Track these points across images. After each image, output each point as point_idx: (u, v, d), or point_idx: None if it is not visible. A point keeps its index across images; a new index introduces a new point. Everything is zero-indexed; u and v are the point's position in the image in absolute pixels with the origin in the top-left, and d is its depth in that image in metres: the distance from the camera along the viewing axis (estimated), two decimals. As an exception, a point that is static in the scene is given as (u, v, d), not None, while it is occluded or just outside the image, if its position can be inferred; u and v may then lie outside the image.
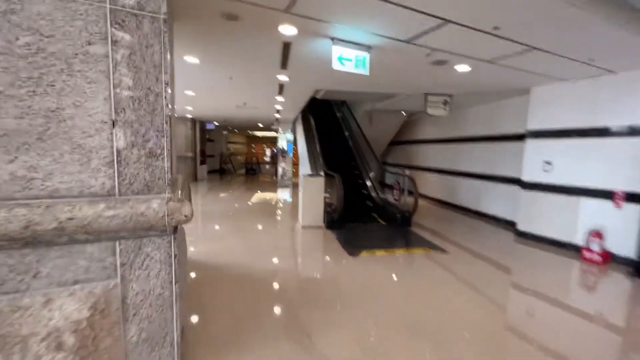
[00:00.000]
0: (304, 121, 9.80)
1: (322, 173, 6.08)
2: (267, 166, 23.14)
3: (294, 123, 12.61)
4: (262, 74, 4.81)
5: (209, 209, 7.28)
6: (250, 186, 11.97)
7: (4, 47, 1.18)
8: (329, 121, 10.27)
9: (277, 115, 10.48)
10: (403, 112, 9.21)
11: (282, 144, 16.67)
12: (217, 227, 5.63)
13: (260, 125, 15.44)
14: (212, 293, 3.00)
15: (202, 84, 5.80)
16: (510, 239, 5.32)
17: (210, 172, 15.42)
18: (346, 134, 9.66)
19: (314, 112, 9.87)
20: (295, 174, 13.86)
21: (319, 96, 6.76)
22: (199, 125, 12.98)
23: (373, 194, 7.27)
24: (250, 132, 23.45)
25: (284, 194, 10.09)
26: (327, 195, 5.92)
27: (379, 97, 7.29)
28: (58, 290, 1.30)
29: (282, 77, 4.96)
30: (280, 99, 6.98)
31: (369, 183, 7.67)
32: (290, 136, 14.88)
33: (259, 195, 9.51)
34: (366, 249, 4.43)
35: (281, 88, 5.90)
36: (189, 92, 6.70)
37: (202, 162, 13.63)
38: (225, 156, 17.53)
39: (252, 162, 17.11)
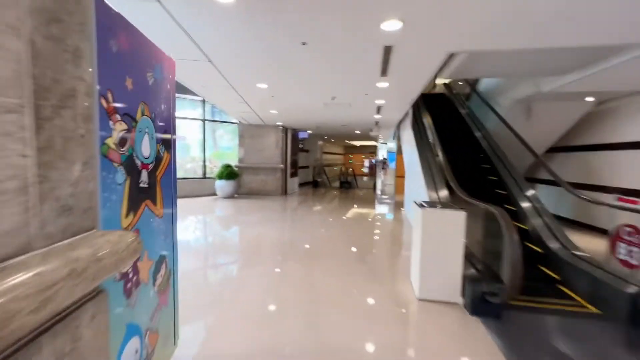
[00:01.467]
0: (415, 122, 7.26)
1: (448, 197, 3.46)
2: (365, 178, 20.94)
3: (397, 127, 10.08)
4: (353, 21, 2.64)
5: (282, 238, 5.38)
6: (341, 203, 9.90)
7: None
8: (451, 120, 7.45)
9: (377, 117, 8.18)
10: (588, 98, 5.66)
11: (382, 153, 14.24)
12: (275, 281, 3.63)
13: (357, 132, 13.41)
14: None
15: (263, 59, 3.99)
16: None
17: (302, 184, 14.18)
18: (477, 134, 6.67)
19: (429, 109, 7.23)
20: (398, 189, 11.24)
21: (450, 71, 4.18)
22: (290, 133, 11.78)
23: (544, 236, 4.16)
24: (347, 142, 21.81)
25: (383, 217, 7.62)
26: (465, 241, 3.26)
27: (561, 68, 4.22)
28: None
29: (390, 28, 2.69)
30: (382, 84, 4.70)
31: (526, 205, 4.54)
32: (392, 144, 12.35)
33: (349, 218, 7.29)
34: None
35: (386, 61, 3.61)
36: (261, 85, 5.08)
37: (293, 174, 12.36)
38: (318, 167, 16.18)
39: (347, 174, 15.17)
